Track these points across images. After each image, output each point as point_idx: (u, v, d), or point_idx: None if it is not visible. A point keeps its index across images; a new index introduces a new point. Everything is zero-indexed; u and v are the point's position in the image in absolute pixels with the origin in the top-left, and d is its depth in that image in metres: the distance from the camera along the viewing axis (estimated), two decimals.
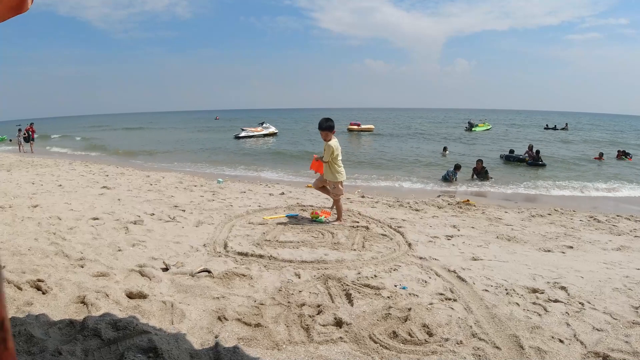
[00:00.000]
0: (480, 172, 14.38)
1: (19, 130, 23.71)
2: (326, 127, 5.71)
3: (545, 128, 48.50)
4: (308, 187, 11.01)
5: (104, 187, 9.12)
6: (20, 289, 3.05)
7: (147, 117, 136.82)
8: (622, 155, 20.95)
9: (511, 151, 19.62)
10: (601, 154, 20.63)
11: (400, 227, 5.76)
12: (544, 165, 17.42)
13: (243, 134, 34.77)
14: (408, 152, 23.62)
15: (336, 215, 6.03)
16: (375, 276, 3.71)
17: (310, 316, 2.84)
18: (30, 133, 23.76)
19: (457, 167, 14.02)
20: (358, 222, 5.91)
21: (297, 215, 6.38)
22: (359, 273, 3.79)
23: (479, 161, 14.62)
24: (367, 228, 5.56)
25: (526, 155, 18.31)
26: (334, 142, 5.75)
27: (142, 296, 3.09)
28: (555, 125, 49.02)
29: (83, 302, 2.92)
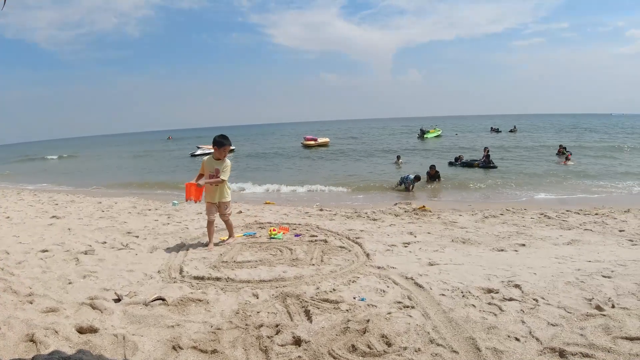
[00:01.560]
0: (434, 177, 15.19)
1: None
2: (227, 143, 5.41)
3: (491, 130, 50.32)
4: (266, 203, 10.94)
5: (54, 216, 8.73)
6: None
7: (92, 140, 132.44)
8: (562, 150, 22.24)
9: (456, 159, 20.31)
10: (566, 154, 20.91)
11: (358, 237, 5.80)
12: (495, 167, 18.08)
13: (199, 151, 34.53)
14: (363, 163, 23.91)
15: (294, 232, 6.00)
16: (334, 290, 3.71)
17: (268, 337, 2.80)
18: None
19: (417, 178, 14.30)
20: (316, 236, 5.91)
21: (254, 233, 6.31)
22: (318, 288, 3.78)
23: (432, 167, 15.49)
24: (326, 241, 5.56)
25: (482, 159, 18.91)
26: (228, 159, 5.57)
27: (92, 330, 2.95)
28: (498, 128, 50.85)
29: (32, 340, 2.77)
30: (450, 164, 19.97)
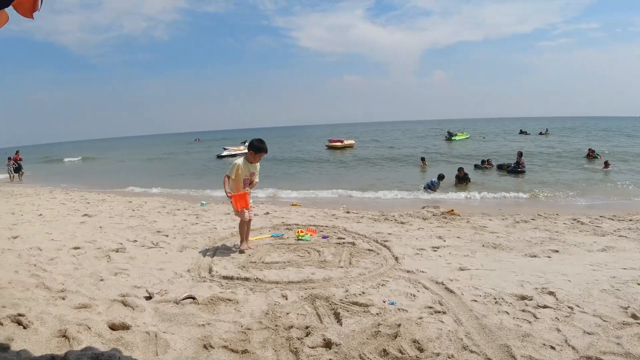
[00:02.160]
0: (463, 179, 14.99)
1: (9, 159, 23.08)
2: (265, 149, 5.28)
3: (520, 133, 49.47)
4: (293, 205, 10.97)
5: (85, 214, 8.95)
6: (0, 324, 2.96)
7: (123, 142, 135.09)
8: (594, 154, 21.58)
9: (483, 162, 20.01)
10: (607, 162, 18.98)
11: (386, 241, 5.74)
12: (523, 171, 17.72)
13: (225, 152, 34.95)
14: (388, 166, 23.74)
15: (321, 233, 5.96)
16: (363, 293, 3.68)
17: (298, 339, 2.79)
18: (19, 163, 23.08)
19: (441, 177, 14.28)
20: (344, 239, 5.88)
21: (282, 234, 6.32)
22: (347, 291, 3.75)
23: (460, 169, 15.30)
24: (354, 244, 5.52)
25: (515, 162, 18.53)
26: None
27: (124, 327, 3.00)
28: (527, 131, 50.03)
29: (65, 336, 2.83)
30: (476, 166, 19.66)
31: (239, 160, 5.26)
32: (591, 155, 21.76)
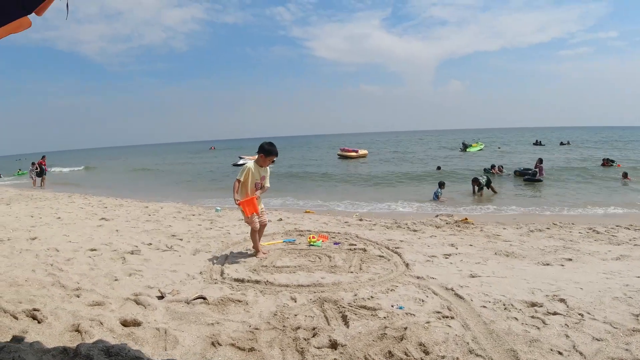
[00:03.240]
0: (481, 187, 14.64)
1: (32, 163, 23.48)
2: (275, 152, 5.26)
3: (534, 144, 49.13)
4: (306, 212, 11.02)
5: (102, 218, 9.13)
6: (16, 318, 3.07)
7: (138, 150, 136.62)
8: (609, 163, 21.28)
9: (492, 166, 20.03)
10: (625, 174, 18.32)
11: (397, 247, 5.74)
12: (540, 180, 17.53)
13: (241, 161, 35.16)
14: (404, 175, 23.59)
15: (333, 240, 5.98)
16: (371, 297, 3.69)
17: (305, 339, 2.82)
18: (42, 167, 23.30)
19: (441, 185, 14.14)
20: (355, 245, 5.90)
21: (294, 240, 6.36)
22: (356, 295, 3.76)
23: (475, 179, 15.00)
24: (365, 250, 5.53)
25: (534, 170, 18.40)
26: None
27: (136, 324, 3.07)
28: (541, 141, 49.90)
29: (77, 330, 2.92)
30: (485, 170, 19.67)
31: (250, 164, 5.22)
32: (607, 164, 21.45)
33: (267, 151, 5.18)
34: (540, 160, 18.93)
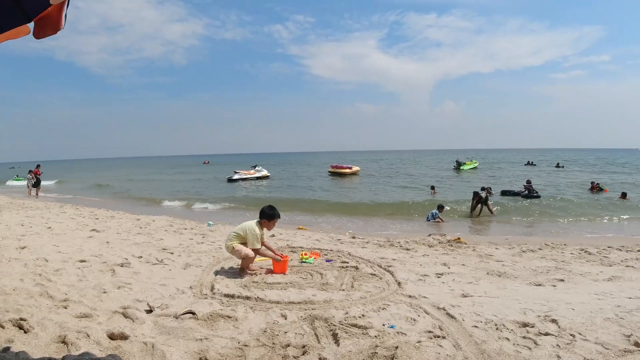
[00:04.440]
0: (481, 201, 14.76)
1: (29, 172, 23.05)
2: (277, 215, 5.43)
3: (526, 164, 50.24)
4: (299, 229, 10.98)
5: (93, 229, 9.03)
6: (2, 327, 3.03)
7: (132, 162, 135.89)
8: (597, 188, 21.36)
9: (482, 188, 20.18)
10: (624, 194, 18.49)
11: (390, 266, 5.71)
12: (538, 196, 17.66)
13: (236, 176, 34.96)
14: (397, 193, 23.59)
15: (325, 257, 5.95)
16: (363, 316, 3.66)
17: (294, 357, 2.78)
18: (38, 177, 22.72)
19: (440, 207, 14.12)
20: (348, 263, 5.86)
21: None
22: (347, 313, 3.73)
23: (476, 193, 15.08)
24: (357, 268, 5.50)
25: (524, 190, 18.60)
26: None
27: (123, 337, 3.03)
28: (533, 162, 51.25)
29: (64, 342, 2.89)
30: (475, 193, 19.88)
31: (258, 231, 5.28)
32: (595, 189, 21.54)
33: (269, 215, 5.33)
34: (529, 182, 19.14)
